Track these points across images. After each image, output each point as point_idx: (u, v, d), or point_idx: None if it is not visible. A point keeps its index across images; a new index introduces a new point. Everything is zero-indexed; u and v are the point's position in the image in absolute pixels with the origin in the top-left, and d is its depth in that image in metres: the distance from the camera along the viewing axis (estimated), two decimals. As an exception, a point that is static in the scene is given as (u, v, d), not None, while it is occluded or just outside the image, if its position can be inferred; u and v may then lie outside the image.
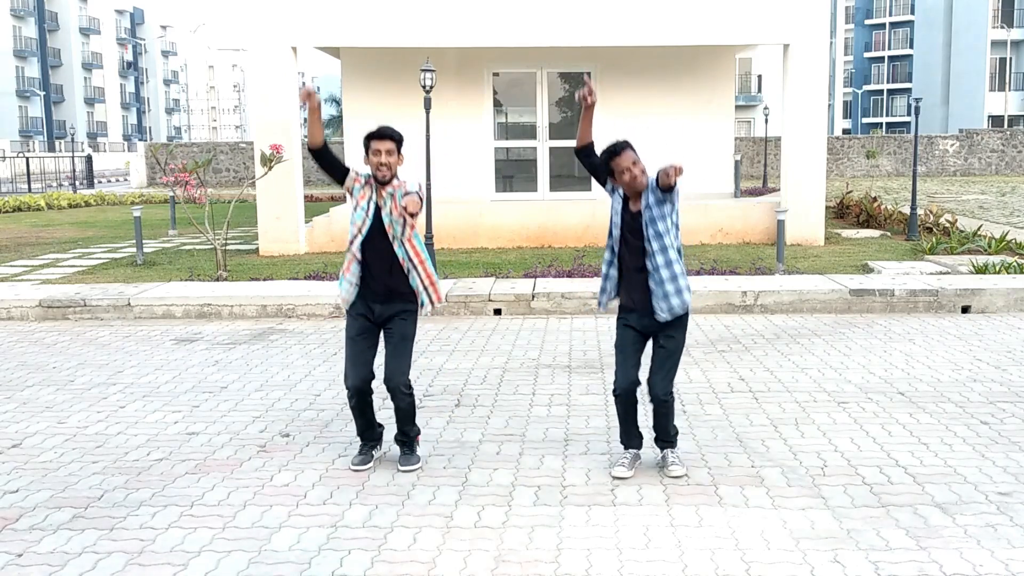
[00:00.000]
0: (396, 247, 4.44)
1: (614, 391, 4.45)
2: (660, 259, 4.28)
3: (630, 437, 4.55)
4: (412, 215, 4.23)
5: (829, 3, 13.18)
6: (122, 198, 26.04)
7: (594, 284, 9.20)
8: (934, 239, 12.44)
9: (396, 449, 4.72)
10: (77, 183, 35.36)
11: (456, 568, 3.52)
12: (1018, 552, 3.60)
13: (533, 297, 8.85)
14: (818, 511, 4.01)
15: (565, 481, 4.42)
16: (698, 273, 10.05)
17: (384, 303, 4.49)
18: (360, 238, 4.46)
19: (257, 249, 13.19)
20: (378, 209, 4.49)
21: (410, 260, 4.47)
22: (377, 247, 4.45)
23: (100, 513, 4.10)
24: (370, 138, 4.49)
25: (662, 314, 4.31)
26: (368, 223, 4.46)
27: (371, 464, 4.59)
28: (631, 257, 4.38)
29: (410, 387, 4.50)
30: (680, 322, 4.39)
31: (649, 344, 4.50)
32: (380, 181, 4.51)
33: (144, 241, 13.13)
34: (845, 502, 4.10)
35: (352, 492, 4.30)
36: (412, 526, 3.91)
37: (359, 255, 4.47)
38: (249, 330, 8.27)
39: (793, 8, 12.98)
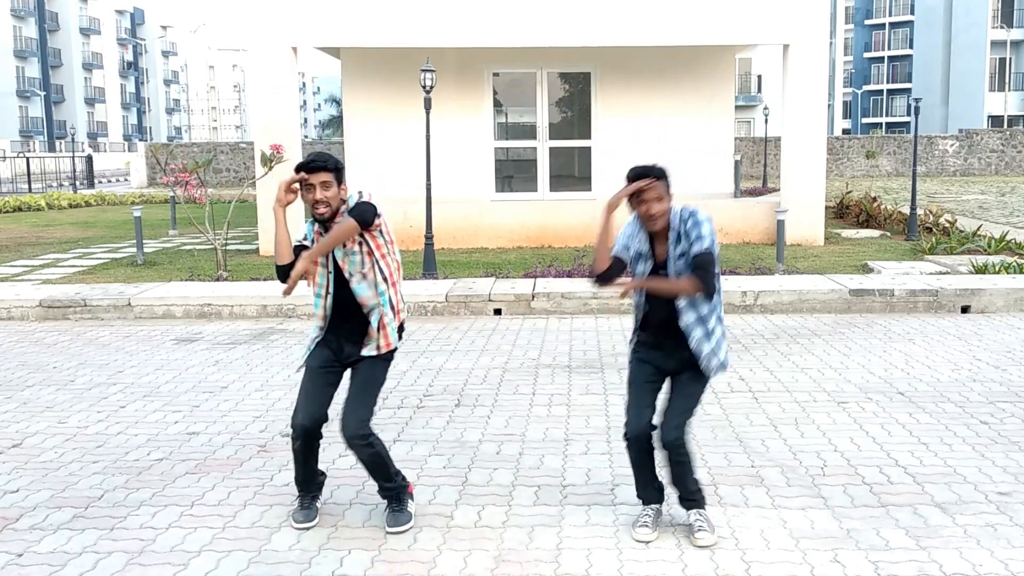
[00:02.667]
0: (355, 284, 3.81)
1: (625, 434, 3.83)
2: (697, 312, 3.66)
3: (647, 490, 3.88)
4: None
5: (829, 3, 13.19)
6: (122, 198, 26.05)
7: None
8: (934, 239, 12.45)
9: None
10: (77, 183, 35.37)
11: (456, 568, 3.52)
12: (1018, 552, 3.60)
13: (533, 297, 8.85)
14: (818, 511, 4.01)
15: (565, 481, 4.42)
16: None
17: (347, 335, 3.90)
18: (329, 296, 3.88)
19: (257, 249, 13.20)
20: (333, 257, 3.81)
21: (375, 295, 3.83)
22: (343, 296, 3.86)
23: (100, 513, 4.11)
24: (298, 170, 3.73)
25: (711, 373, 3.74)
26: (331, 281, 3.83)
27: (316, 519, 3.94)
28: (660, 304, 3.73)
29: (369, 437, 3.76)
30: None
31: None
32: (319, 219, 3.77)
33: (144, 241, 13.13)
34: (845, 502, 4.10)
35: (352, 492, 4.31)
36: (413, 526, 3.91)
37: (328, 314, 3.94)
38: (249, 330, 8.28)
39: (793, 8, 12.98)
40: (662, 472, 3.88)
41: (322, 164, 3.70)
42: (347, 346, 3.90)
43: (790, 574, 3.44)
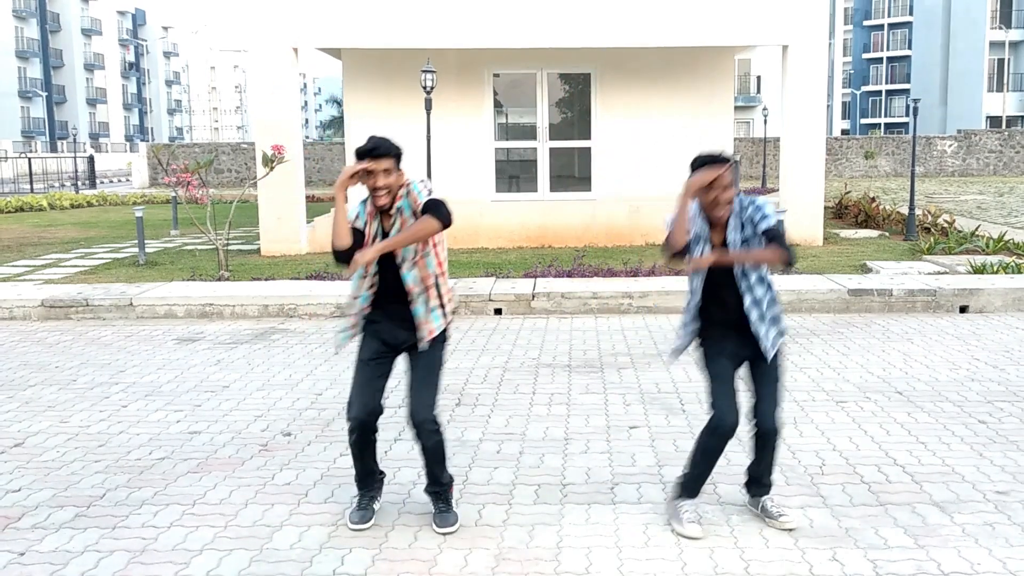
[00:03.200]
0: (405, 271, 3.75)
1: (717, 426, 3.78)
2: (753, 295, 3.73)
3: (704, 482, 3.92)
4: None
5: (828, 4, 13.21)
6: (124, 198, 26.07)
7: (594, 284, 9.23)
8: (932, 239, 12.46)
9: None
10: (79, 183, 35.38)
11: (456, 566, 3.54)
12: (1016, 550, 3.62)
13: (533, 297, 8.87)
14: (816, 510, 4.03)
15: (565, 480, 4.44)
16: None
17: (398, 324, 3.81)
18: (375, 278, 3.78)
19: (259, 249, 13.22)
20: (387, 236, 3.75)
21: (420, 284, 3.77)
22: (390, 280, 3.79)
23: (102, 512, 4.12)
24: (361, 157, 3.66)
25: (771, 350, 3.77)
26: (375, 264, 3.76)
27: (371, 521, 3.91)
28: (724, 292, 3.76)
29: (438, 423, 3.79)
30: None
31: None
32: (379, 209, 3.74)
33: (146, 241, 13.15)
34: (843, 501, 4.12)
35: (354, 490, 4.31)
36: (413, 524, 3.93)
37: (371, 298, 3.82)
38: (251, 330, 8.30)
39: (792, 9, 13.00)
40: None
41: (385, 151, 3.66)
42: (400, 332, 3.81)
43: (789, 573, 3.46)
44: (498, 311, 8.86)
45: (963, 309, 8.68)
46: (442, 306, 3.83)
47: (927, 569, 3.46)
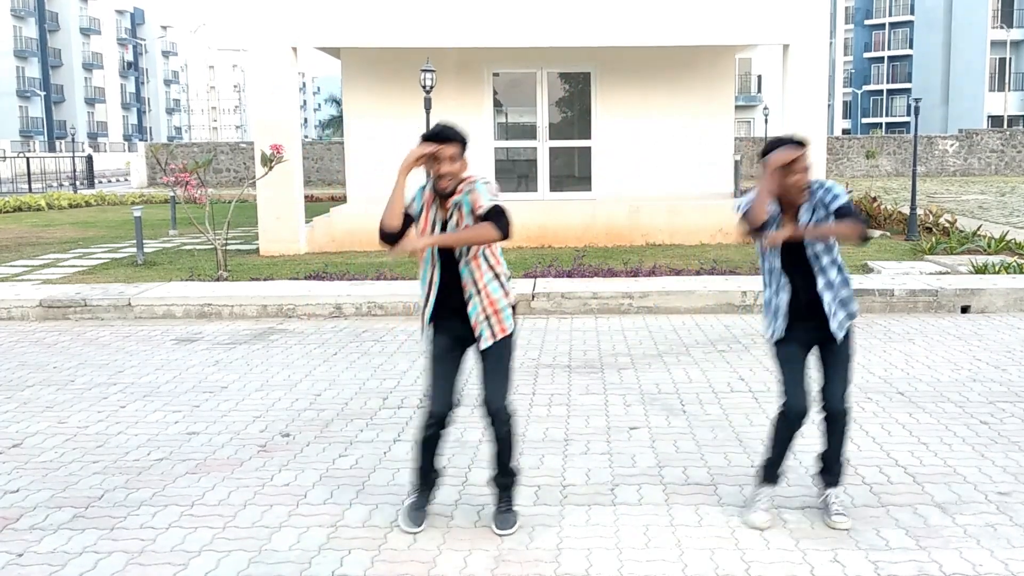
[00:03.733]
0: (461, 267, 3.74)
1: (786, 412, 3.82)
2: (826, 278, 3.76)
3: (779, 467, 3.97)
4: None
5: (829, 3, 13.19)
6: (122, 198, 26.05)
7: (594, 284, 9.21)
8: (934, 239, 12.45)
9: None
10: (77, 183, 35.38)
11: (456, 568, 3.52)
12: (1018, 552, 3.60)
13: (533, 297, 8.85)
14: (818, 511, 4.00)
15: (565, 481, 4.42)
16: (698, 273, 10.06)
17: (464, 320, 3.80)
18: (436, 272, 3.79)
19: (257, 249, 13.20)
20: (444, 227, 3.76)
21: (473, 283, 3.75)
22: (449, 268, 3.79)
23: (100, 513, 4.11)
24: (428, 140, 3.69)
25: (839, 331, 3.80)
26: (437, 259, 3.78)
27: (424, 524, 3.88)
28: (795, 276, 3.82)
29: (510, 412, 3.80)
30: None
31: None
32: (441, 193, 3.73)
33: (144, 241, 13.13)
34: (845, 502, 4.10)
35: (352, 492, 4.31)
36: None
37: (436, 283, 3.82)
38: (249, 330, 8.28)
39: (793, 8, 12.98)
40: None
41: (452, 136, 3.67)
42: (462, 328, 3.80)
43: (790, 574, 3.44)
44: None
45: (965, 309, 8.66)
46: (508, 302, 3.80)
47: (929, 570, 3.45)
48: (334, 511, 4.08)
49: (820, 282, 3.77)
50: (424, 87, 10.80)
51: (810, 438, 5.00)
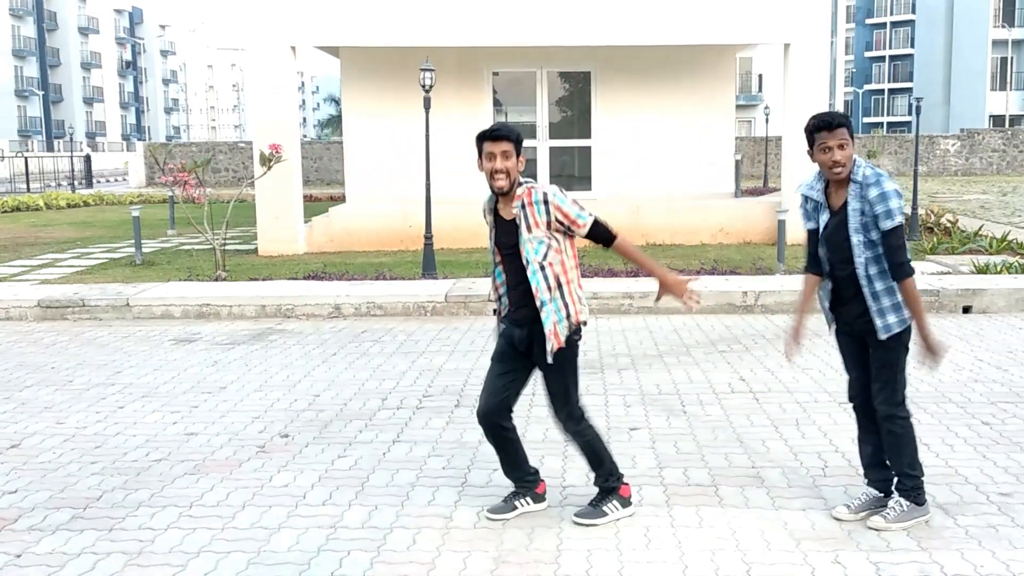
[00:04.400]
0: (530, 273, 3.70)
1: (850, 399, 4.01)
2: (866, 272, 3.69)
3: (865, 461, 4.02)
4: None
5: (830, 2, 13.18)
6: (121, 198, 26.03)
7: (594, 284, 9.19)
8: (935, 239, 12.43)
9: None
10: (76, 183, 35.36)
11: (456, 569, 3.50)
12: (1019, 553, 3.58)
13: (533, 297, 8.83)
14: (819, 512, 3.99)
15: (565, 481, 4.40)
16: (698, 273, 10.04)
17: (522, 327, 3.80)
18: (499, 262, 3.87)
19: (256, 249, 13.18)
20: (509, 227, 3.77)
21: (548, 290, 3.70)
22: (515, 272, 3.79)
23: (99, 514, 4.09)
24: (482, 139, 3.70)
25: (881, 334, 3.71)
26: (501, 248, 3.83)
27: (508, 515, 3.92)
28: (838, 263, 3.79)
29: (577, 425, 3.83)
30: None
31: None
32: (496, 192, 3.75)
33: (143, 241, 13.11)
34: (846, 502, 4.08)
35: (351, 493, 4.29)
36: (411, 527, 3.89)
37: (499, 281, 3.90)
38: (248, 330, 8.26)
39: (794, 7, 12.96)
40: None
41: (505, 134, 3.67)
42: (518, 332, 3.82)
43: (791, 575, 3.42)
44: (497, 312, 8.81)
45: (966, 309, 8.65)
46: (568, 316, 3.75)
47: (930, 572, 3.43)
48: (333, 512, 4.07)
49: (866, 291, 3.73)
50: (423, 86, 10.78)
51: (811, 438, 4.99)
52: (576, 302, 3.78)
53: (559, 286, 3.73)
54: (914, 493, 3.82)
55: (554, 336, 3.71)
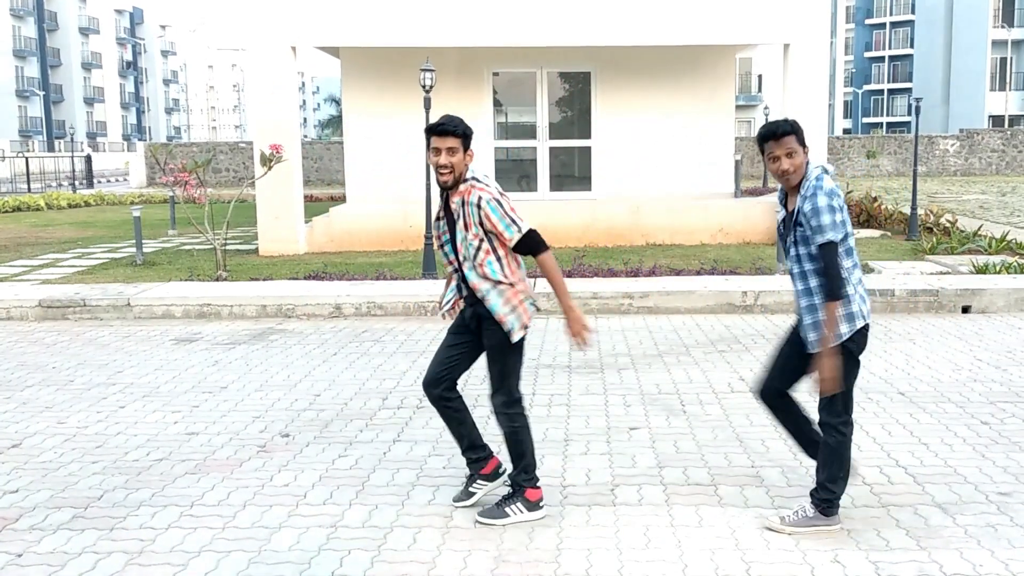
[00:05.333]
0: (466, 269, 3.80)
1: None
2: (805, 284, 3.67)
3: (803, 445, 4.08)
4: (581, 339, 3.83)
5: (829, 3, 13.18)
6: (122, 198, 26.04)
7: (594, 284, 9.20)
8: (934, 239, 12.44)
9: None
10: (76, 183, 35.35)
11: (456, 568, 3.51)
12: (1018, 552, 3.59)
13: (533, 297, 8.83)
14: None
15: (565, 481, 4.41)
16: (698, 273, 10.05)
17: (471, 305, 3.88)
18: (440, 246, 3.94)
19: (257, 249, 13.19)
20: (452, 222, 3.80)
21: (484, 279, 3.79)
22: (458, 266, 3.87)
23: (100, 513, 4.10)
24: (428, 133, 3.74)
25: (809, 348, 3.72)
26: (444, 237, 3.89)
27: (466, 502, 4.00)
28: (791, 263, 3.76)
29: (507, 410, 3.86)
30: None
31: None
32: (441, 186, 3.77)
33: (144, 241, 13.12)
34: (845, 502, 4.08)
35: (352, 492, 4.30)
36: (412, 526, 3.90)
37: (447, 261, 3.95)
38: (249, 330, 8.27)
39: (793, 8, 12.97)
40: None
41: (451, 129, 3.69)
42: (468, 309, 3.93)
43: (790, 574, 3.43)
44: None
45: (965, 309, 8.66)
46: (513, 310, 3.86)
47: (929, 571, 3.44)
48: (334, 511, 4.07)
49: (796, 288, 3.74)
50: (424, 87, 10.78)
51: (810, 438, 5.00)
52: (520, 303, 3.87)
53: (495, 285, 3.80)
54: (824, 505, 3.78)
55: (502, 320, 3.81)
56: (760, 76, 48.23)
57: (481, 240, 3.73)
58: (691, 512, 4.01)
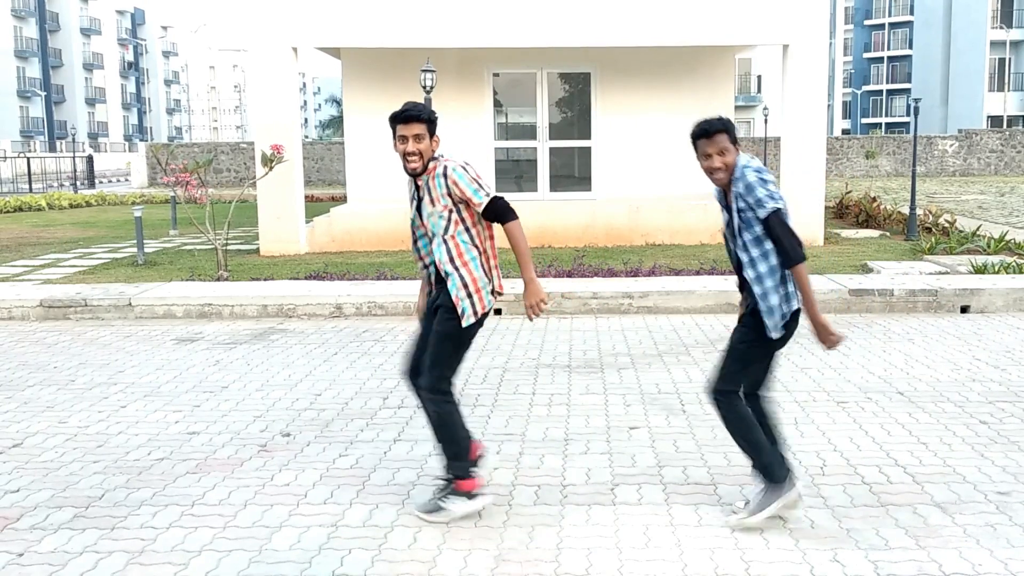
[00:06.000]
0: (435, 246, 3.85)
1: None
2: (756, 271, 3.70)
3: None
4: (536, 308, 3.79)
5: (828, 4, 13.20)
6: (123, 198, 26.06)
7: (594, 284, 9.21)
8: (933, 239, 12.45)
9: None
10: (78, 183, 35.39)
11: (456, 567, 3.52)
12: (1017, 551, 3.60)
13: (533, 297, 8.84)
14: (817, 510, 4.01)
15: (565, 481, 4.42)
16: (698, 273, 10.06)
17: (437, 294, 3.97)
18: (415, 241, 3.99)
19: (258, 249, 13.20)
20: (419, 203, 3.85)
21: (451, 262, 3.83)
22: (427, 246, 3.94)
23: (101, 512, 4.11)
24: (394, 121, 3.74)
25: (772, 332, 3.74)
26: (419, 231, 3.93)
27: (434, 512, 3.93)
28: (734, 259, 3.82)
29: (436, 391, 3.89)
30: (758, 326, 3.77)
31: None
32: (410, 174, 3.81)
33: (145, 241, 13.13)
34: (844, 501, 4.11)
35: (352, 491, 4.31)
36: (412, 525, 3.91)
37: (417, 257, 4.02)
38: (250, 330, 8.28)
39: (793, 8, 12.99)
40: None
41: (416, 115, 3.69)
42: (432, 296, 4.02)
43: (790, 574, 3.44)
44: (498, 311, 8.84)
45: (964, 309, 8.67)
46: (469, 296, 3.84)
47: (928, 570, 3.45)
48: (334, 511, 4.09)
49: (747, 275, 3.74)
50: (424, 87, 10.81)
51: (810, 437, 5.01)
52: (478, 291, 3.85)
53: (461, 267, 3.81)
54: (766, 472, 3.80)
55: (457, 302, 3.83)
56: (759, 77, 48.25)
57: (450, 211, 3.76)
58: (691, 511, 4.02)
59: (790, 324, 3.79)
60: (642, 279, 9.61)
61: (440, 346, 3.87)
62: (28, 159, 35.10)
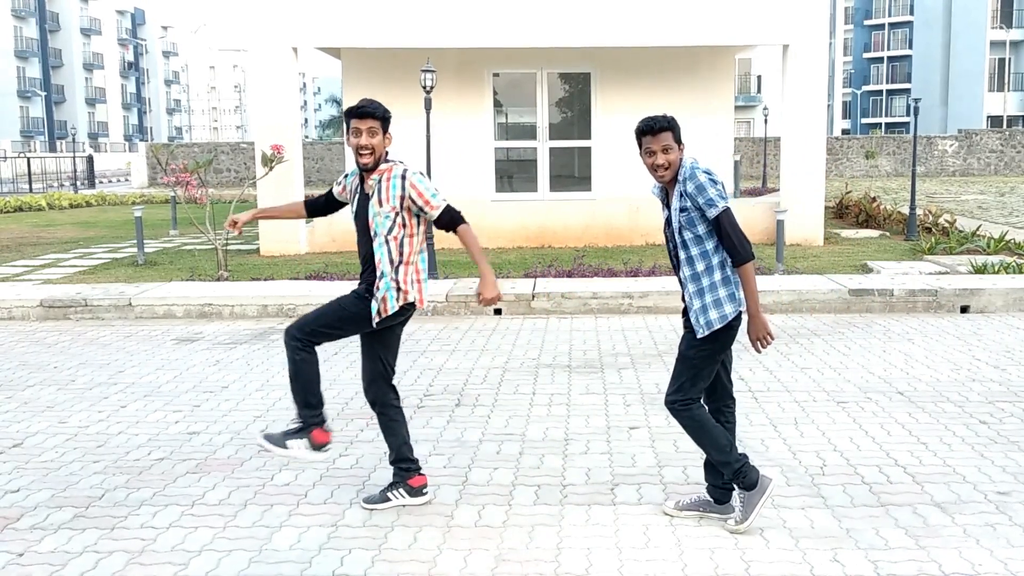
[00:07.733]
0: (376, 245, 3.87)
1: None
2: (692, 269, 3.71)
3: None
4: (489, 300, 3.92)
5: (828, 4, 13.21)
6: (123, 198, 26.06)
7: (594, 284, 9.22)
8: (933, 239, 12.45)
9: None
10: (78, 183, 35.38)
11: (456, 567, 3.53)
12: (1017, 551, 3.60)
13: (533, 297, 8.86)
14: (817, 510, 4.01)
15: (565, 480, 4.43)
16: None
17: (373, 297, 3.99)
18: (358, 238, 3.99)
19: (258, 249, 13.21)
20: (364, 200, 3.90)
21: (390, 262, 3.88)
22: (365, 243, 3.94)
23: (101, 512, 4.11)
24: (349, 115, 3.84)
25: (699, 332, 3.71)
26: (357, 220, 3.95)
27: (381, 506, 4.07)
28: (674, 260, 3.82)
29: (381, 397, 4.09)
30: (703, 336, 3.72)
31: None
32: (361, 168, 3.87)
33: (145, 241, 13.14)
34: (844, 501, 4.11)
35: (352, 491, 4.31)
36: (412, 525, 3.92)
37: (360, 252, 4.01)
38: (250, 330, 8.28)
39: (792, 9, 12.99)
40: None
41: (371, 111, 3.81)
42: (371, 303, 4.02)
43: (790, 574, 3.44)
44: (498, 311, 8.85)
45: (964, 309, 8.67)
46: (398, 289, 3.92)
47: (928, 570, 3.45)
48: (334, 511, 4.09)
49: (682, 273, 3.76)
50: (424, 87, 10.81)
51: (810, 437, 5.02)
52: (409, 283, 3.93)
53: (400, 263, 3.90)
54: (738, 479, 3.78)
55: (383, 303, 3.90)
56: (759, 77, 48.23)
57: (397, 214, 3.86)
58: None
59: (733, 324, 3.74)
60: (642, 279, 9.62)
61: (379, 350, 4.06)
62: (28, 159, 35.10)
